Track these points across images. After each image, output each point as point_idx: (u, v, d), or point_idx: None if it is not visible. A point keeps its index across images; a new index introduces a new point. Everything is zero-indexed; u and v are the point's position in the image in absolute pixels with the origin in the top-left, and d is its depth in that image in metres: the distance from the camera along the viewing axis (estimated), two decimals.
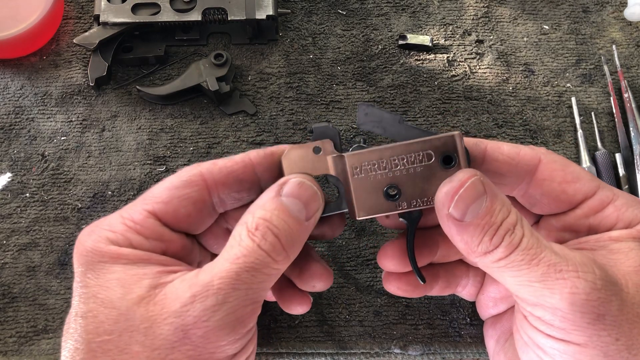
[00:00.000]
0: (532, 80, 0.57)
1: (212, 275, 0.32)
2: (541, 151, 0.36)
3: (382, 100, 0.56)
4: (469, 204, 0.32)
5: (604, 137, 0.55)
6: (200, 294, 0.31)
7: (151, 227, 0.35)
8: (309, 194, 0.34)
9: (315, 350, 0.46)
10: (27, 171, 0.53)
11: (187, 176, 0.35)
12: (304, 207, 0.34)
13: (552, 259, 0.31)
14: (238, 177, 0.36)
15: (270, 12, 0.56)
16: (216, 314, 0.31)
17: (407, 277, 0.40)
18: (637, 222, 0.34)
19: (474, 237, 0.32)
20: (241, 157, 0.36)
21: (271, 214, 0.33)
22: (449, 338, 0.47)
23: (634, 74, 0.57)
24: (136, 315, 0.32)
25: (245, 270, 0.32)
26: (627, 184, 0.52)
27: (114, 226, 0.35)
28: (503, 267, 0.32)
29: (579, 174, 0.35)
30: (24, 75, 0.57)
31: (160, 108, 0.56)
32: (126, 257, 0.34)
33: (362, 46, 0.59)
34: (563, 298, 0.30)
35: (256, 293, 0.33)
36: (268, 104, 0.56)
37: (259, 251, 0.32)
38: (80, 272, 0.34)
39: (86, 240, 0.34)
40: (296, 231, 0.34)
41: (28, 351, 0.46)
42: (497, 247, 0.32)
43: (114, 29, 0.55)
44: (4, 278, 0.49)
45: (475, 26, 0.60)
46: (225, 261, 0.32)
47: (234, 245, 0.33)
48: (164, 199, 0.35)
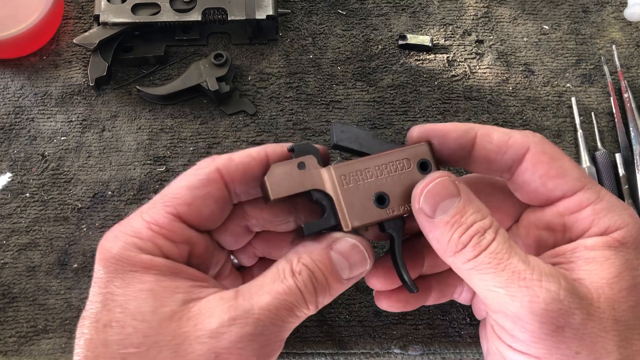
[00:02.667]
0: (532, 80, 0.57)
1: (252, 304, 0.32)
2: (533, 140, 0.35)
3: (382, 100, 0.56)
4: (439, 200, 0.33)
5: (604, 137, 0.55)
6: (240, 319, 0.31)
7: (178, 230, 0.34)
8: (358, 258, 0.34)
9: (315, 350, 0.46)
10: (27, 171, 0.53)
11: (205, 174, 0.35)
12: (349, 268, 0.34)
13: (519, 266, 0.31)
14: (254, 174, 0.36)
15: (270, 12, 0.56)
16: (252, 343, 0.31)
17: (398, 294, 0.40)
18: (615, 229, 0.33)
19: (444, 234, 0.33)
20: (257, 152, 0.36)
21: (315, 266, 0.33)
22: (449, 338, 0.47)
23: (634, 74, 0.57)
24: (167, 331, 0.31)
25: (284, 308, 0.32)
26: (627, 184, 0.52)
27: (140, 232, 0.33)
28: (471, 269, 0.32)
29: (565, 170, 0.34)
30: (24, 75, 0.57)
31: (160, 108, 0.56)
32: (158, 267, 0.33)
33: (362, 46, 0.59)
34: (523, 306, 0.30)
35: (285, 332, 0.33)
36: (268, 104, 0.56)
37: (299, 294, 0.33)
38: (105, 278, 0.33)
39: (112, 246, 0.33)
40: (333, 287, 0.34)
41: (28, 351, 0.46)
42: (465, 247, 0.32)
43: (114, 29, 0.55)
44: (4, 278, 0.49)
45: (475, 26, 0.60)
46: (267, 294, 0.32)
47: (277, 281, 0.33)
48: (187, 199, 0.34)
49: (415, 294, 0.40)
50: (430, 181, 0.34)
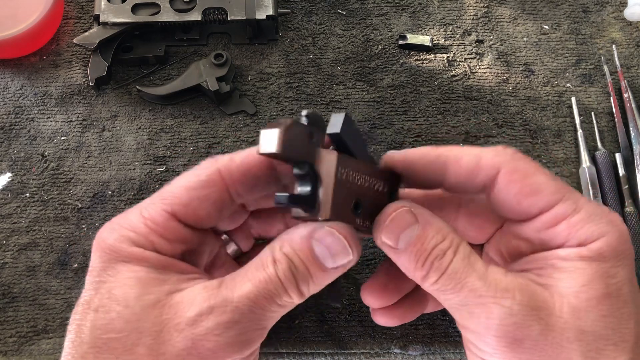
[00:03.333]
0: (532, 80, 0.57)
1: (233, 292, 0.32)
2: (504, 159, 0.34)
3: (382, 100, 0.56)
4: (399, 232, 0.33)
5: (604, 137, 0.55)
6: (219, 307, 0.31)
7: (173, 229, 0.35)
8: (339, 247, 0.34)
9: (315, 350, 0.46)
10: (27, 171, 0.53)
11: (205, 175, 0.35)
12: (332, 258, 0.34)
13: (475, 284, 0.32)
14: (256, 175, 0.35)
15: (270, 12, 0.56)
16: (229, 330, 0.31)
17: (394, 309, 0.40)
18: (592, 240, 0.32)
19: (409, 263, 0.33)
20: None
21: (295, 254, 0.33)
22: (449, 338, 0.47)
23: (634, 74, 0.57)
24: (149, 318, 0.32)
25: (264, 297, 0.32)
26: (627, 184, 0.52)
27: (136, 227, 0.34)
28: (437, 291, 0.33)
29: (540, 186, 0.34)
30: (24, 75, 0.57)
31: (160, 108, 0.56)
32: (149, 260, 0.33)
33: (362, 46, 0.59)
34: (480, 322, 0.32)
35: (267, 320, 0.33)
36: (268, 104, 0.56)
37: (279, 283, 0.33)
38: (99, 267, 0.34)
39: (108, 237, 0.34)
40: (316, 276, 0.34)
41: (28, 351, 0.46)
42: (429, 272, 0.33)
43: (114, 29, 0.55)
44: (4, 278, 0.49)
45: (475, 26, 0.60)
46: (249, 282, 0.32)
47: (259, 268, 0.33)
48: (184, 200, 0.35)
49: (410, 308, 0.41)
50: (387, 215, 0.34)
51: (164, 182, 0.52)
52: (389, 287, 0.40)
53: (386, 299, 0.40)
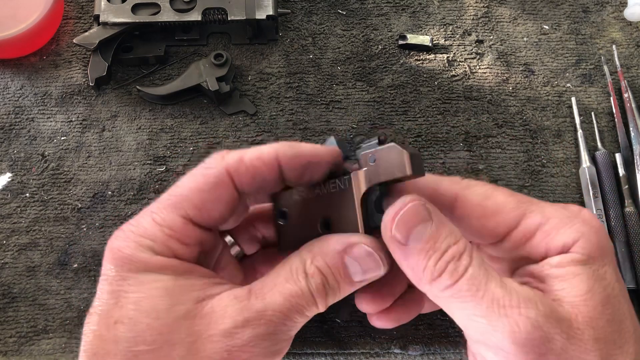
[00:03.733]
0: (532, 80, 0.57)
1: (265, 305, 0.32)
2: (460, 185, 0.34)
3: (382, 100, 0.56)
4: (411, 226, 0.31)
5: (604, 137, 0.55)
6: (254, 320, 0.32)
7: (190, 233, 0.34)
8: (373, 265, 0.34)
9: (315, 350, 0.46)
10: (27, 171, 0.53)
11: (214, 176, 0.35)
12: (362, 273, 0.34)
13: (498, 292, 0.30)
14: (264, 177, 0.35)
15: (270, 12, 0.56)
16: (264, 342, 0.32)
17: (389, 312, 0.40)
18: (572, 243, 0.32)
19: (418, 262, 0.31)
20: (268, 155, 0.35)
21: (329, 270, 0.34)
22: (449, 338, 0.47)
23: (634, 74, 0.57)
24: (181, 329, 0.31)
25: (296, 311, 0.33)
26: (627, 184, 0.52)
27: (153, 234, 0.34)
28: (450, 297, 0.31)
29: (500, 205, 0.34)
30: (24, 75, 0.57)
31: (160, 108, 0.56)
32: (173, 268, 0.33)
33: (362, 46, 0.59)
34: (505, 337, 0.29)
35: (294, 330, 0.34)
36: (268, 104, 0.56)
37: (310, 297, 0.33)
38: (117, 277, 0.33)
39: (124, 246, 0.33)
40: (344, 289, 0.34)
41: (28, 351, 0.46)
42: (442, 274, 0.31)
43: (114, 29, 0.55)
44: (4, 278, 0.49)
45: (475, 26, 0.60)
46: (279, 294, 0.33)
47: (289, 281, 0.33)
48: (197, 203, 0.34)
49: (406, 309, 0.40)
50: (401, 207, 0.32)
51: (164, 182, 0.52)
52: (383, 292, 0.39)
53: (381, 303, 0.39)
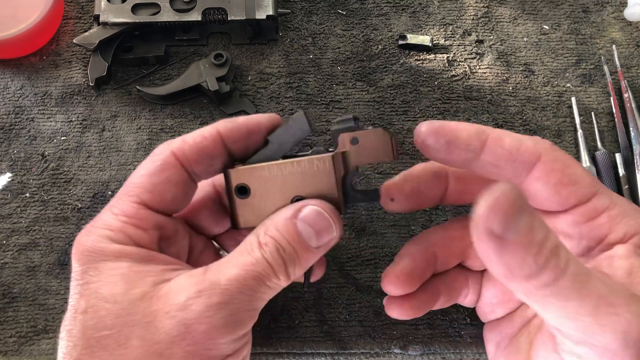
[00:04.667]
0: (532, 80, 0.57)
1: (219, 276, 0.32)
2: (544, 147, 0.34)
3: (382, 100, 0.56)
4: (510, 218, 0.27)
5: (604, 137, 0.55)
6: (207, 290, 0.32)
7: (145, 217, 0.35)
8: (324, 224, 0.34)
9: (315, 350, 0.46)
10: (27, 171, 0.53)
11: (161, 159, 0.36)
12: (316, 235, 0.34)
13: (602, 289, 0.28)
14: (209, 152, 0.36)
15: (270, 12, 0.56)
16: (220, 311, 0.32)
17: (409, 300, 0.40)
18: (632, 234, 0.32)
19: (515, 257, 0.27)
20: (209, 131, 0.36)
21: (282, 236, 0.34)
22: (449, 338, 0.47)
23: (634, 74, 0.57)
24: (138, 310, 0.32)
25: (252, 278, 0.33)
26: (627, 184, 0.52)
27: (110, 224, 0.35)
28: (549, 295, 0.28)
29: (578, 177, 0.33)
30: (24, 75, 0.57)
31: (160, 108, 0.56)
32: (130, 255, 0.34)
33: (362, 46, 0.59)
34: (616, 337, 0.27)
35: (257, 301, 0.34)
36: (268, 104, 0.56)
37: (266, 264, 0.33)
38: (80, 270, 0.34)
39: (85, 240, 0.34)
40: (302, 256, 0.34)
41: (28, 351, 0.46)
42: (543, 270, 0.27)
43: (114, 29, 0.55)
44: (4, 278, 0.49)
45: (475, 26, 0.60)
46: (234, 266, 0.33)
47: (244, 253, 0.34)
48: (147, 187, 0.35)
49: (424, 300, 0.40)
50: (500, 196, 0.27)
51: None
52: (414, 274, 0.39)
53: (408, 285, 0.39)
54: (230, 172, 0.37)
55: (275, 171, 0.36)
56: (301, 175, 0.36)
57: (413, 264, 0.40)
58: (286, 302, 0.48)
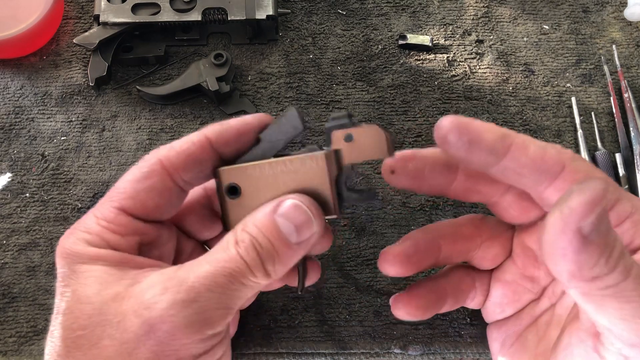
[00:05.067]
0: (532, 80, 0.57)
1: (189, 273, 0.32)
2: (567, 156, 0.33)
3: (382, 100, 0.56)
4: (601, 219, 0.27)
5: (604, 137, 0.55)
6: (173, 287, 0.31)
7: (124, 223, 0.35)
8: (303, 219, 0.33)
9: (315, 350, 0.46)
10: (27, 171, 0.53)
11: (147, 167, 0.35)
12: (296, 231, 0.33)
13: None
14: (197, 158, 0.35)
15: (270, 12, 0.56)
16: (184, 309, 0.31)
17: (416, 300, 0.40)
18: None
19: (592, 257, 0.27)
20: (198, 136, 0.36)
21: (259, 232, 0.33)
22: (449, 338, 0.47)
23: (634, 74, 0.57)
24: (110, 310, 0.32)
25: (222, 275, 0.32)
26: (627, 184, 0.52)
27: (89, 227, 0.35)
28: (609, 296, 0.28)
29: None
30: (24, 75, 0.57)
31: (160, 108, 0.56)
32: (104, 258, 0.34)
33: (362, 46, 0.59)
34: None
35: (230, 299, 0.32)
36: (268, 104, 0.56)
37: (240, 260, 0.32)
38: (62, 272, 0.34)
39: (66, 242, 0.35)
40: (282, 252, 0.33)
41: (28, 351, 0.46)
42: (612, 272, 0.28)
43: (114, 29, 0.55)
44: (4, 278, 0.49)
45: (475, 26, 0.60)
46: (206, 263, 0.32)
47: (219, 250, 0.33)
48: (130, 193, 0.35)
49: (431, 300, 0.40)
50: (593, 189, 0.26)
51: None
52: (413, 259, 0.39)
53: (405, 267, 0.39)
54: (221, 172, 0.36)
55: (266, 170, 0.35)
56: (293, 174, 0.35)
57: (415, 247, 0.39)
58: (286, 302, 0.48)
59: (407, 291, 0.41)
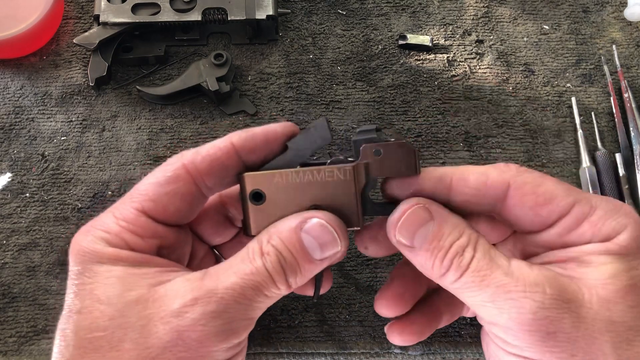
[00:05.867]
0: (532, 80, 0.57)
1: (217, 284, 0.32)
2: (510, 174, 0.34)
3: (382, 100, 0.56)
4: (414, 230, 0.33)
5: (604, 137, 0.55)
6: (203, 298, 0.32)
7: (144, 225, 0.35)
8: (329, 238, 0.34)
9: (315, 350, 0.46)
10: (27, 171, 0.53)
11: (171, 171, 0.35)
12: (320, 248, 0.34)
13: (502, 280, 0.32)
14: (222, 164, 0.36)
15: (270, 12, 0.56)
16: (214, 320, 0.32)
17: (410, 327, 0.40)
18: (614, 234, 0.33)
19: (426, 261, 0.33)
20: (224, 142, 0.36)
21: (284, 246, 0.34)
22: (449, 338, 0.47)
23: (634, 74, 0.57)
24: (133, 313, 0.32)
25: (250, 288, 0.33)
26: (627, 184, 0.52)
27: (109, 227, 0.35)
28: (459, 289, 0.33)
29: (553, 192, 0.34)
30: (24, 75, 0.57)
31: (160, 108, 0.56)
32: (124, 259, 0.34)
33: (362, 46, 0.59)
34: (511, 318, 0.31)
35: (254, 310, 0.34)
36: (268, 104, 0.56)
37: (265, 273, 0.33)
38: (76, 270, 0.34)
39: (82, 240, 0.34)
40: (304, 267, 0.34)
41: (28, 351, 0.46)
42: (449, 270, 0.33)
43: (114, 29, 0.55)
44: (4, 278, 0.49)
45: (475, 26, 0.60)
46: (233, 274, 0.33)
47: (245, 261, 0.33)
48: (152, 196, 0.35)
49: (425, 324, 0.41)
50: (402, 213, 0.34)
51: None
52: (405, 296, 0.40)
53: (401, 307, 0.40)
54: (245, 177, 0.36)
55: (292, 178, 0.35)
56: (320, 184, 0.35)
57: (404, 285, 0.40)
58: (286, 302, 0.48)
59: (401, 319, 0.41)
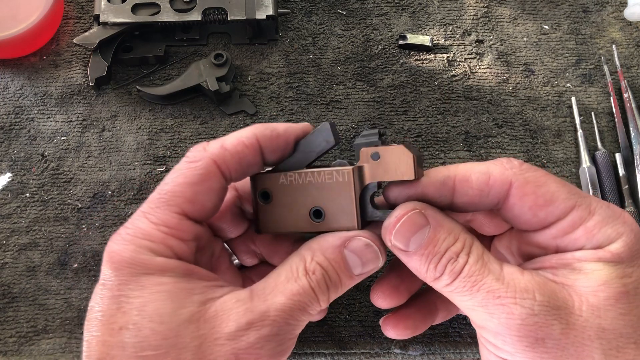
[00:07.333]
0: (532, 80, 0.57)
1: (268, 306, 0.33)
2: (513, 172, 0.34)
3: (382, 100, 0.56)
4: (409, 236, 0.34)
5: (604, 137, 0.55)
6: (257, 322, 0.32)
7: (187, 229, 0.34)
8: (372, 257, 0.35)
9: (315, 350, 0.46)
10: (27, 171, 0.53)
11: (202, 167, 0.35)
12: (362, 266, 0.35)
13: (493, 285, 0.32)
14: (250, 163, 0.36)
15: (270, 12, 0.56)
16: (269, 343, 0.32)
17: (405, 320, 0.41)
18: (608, 242, 0.33)
19: (420, 265, 0.34)
20: (249, 139, 0.36)
21: (329, 265, 0.35)
22: (449, 338, 0.47)
23: (634, 74, 0.57)
24: (186, 333, 0.32)
25: (298, 309, 0.33)
26: (627, 184, 0.52)
27: (150, 234, 0.34)
28: (451, 292, 0.34)
29: (554, 194, 0.34)
30: (24, 75, 0.57)
31: (160, 108, 0.56)
32: (173, 270, 0.33)
33: (362, 46, 0.59)
34: (500, 323, 0.32)
35: (299, 329, 0.35)
36: (268, 104, 0.56)
37: (312, 294, 0.34)
38: (117, 282, 0.33)
39: (122, 249, 0.33)
40: (345, 283, 0.35)
41: (28, 351, 0.46)
42: (442, 275, 0.33)
43: (114, 29, 0.55)
44: (4, 278, 0.49)
45: (475, 26, 0.60)
46: (281, 294, 0.33)
47: (290, 280, 0.34)
48: (190, 197, 0.34)
49: (420, 319, 0.41)
50: (398, 218, 0.34)
51: None
52: (400, 288, 0.40)
53: (396, 298, 0.40)
54: (256, 177, 0.37)
55: (296, 180, 0.36)
56: (320, 186, 0.36)
57: (400, 277, 0.40)
58: None
59: (396, 312, 0.41)
